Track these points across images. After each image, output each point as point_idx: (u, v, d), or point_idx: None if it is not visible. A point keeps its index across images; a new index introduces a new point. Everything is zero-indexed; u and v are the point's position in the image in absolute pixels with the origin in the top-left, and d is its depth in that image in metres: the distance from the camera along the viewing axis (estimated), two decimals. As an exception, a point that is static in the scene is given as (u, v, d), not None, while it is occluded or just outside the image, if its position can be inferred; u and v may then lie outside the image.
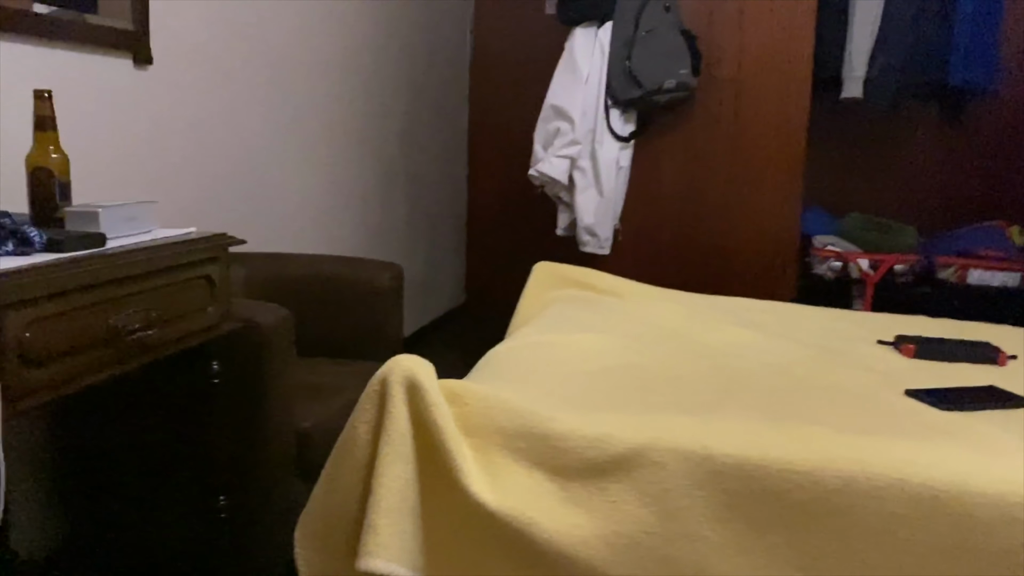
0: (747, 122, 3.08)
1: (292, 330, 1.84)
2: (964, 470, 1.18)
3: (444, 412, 1.24)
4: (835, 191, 3.66)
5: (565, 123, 3.03)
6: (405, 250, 4.09)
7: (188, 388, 1.77)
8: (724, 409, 1.42)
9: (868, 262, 3.15)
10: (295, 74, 2.96)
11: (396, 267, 2.54)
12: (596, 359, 1.69)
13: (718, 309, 2.24)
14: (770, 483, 1.20)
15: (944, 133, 3.63)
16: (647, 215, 3.23)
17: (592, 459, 1.25)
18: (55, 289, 1.26)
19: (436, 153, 4.47)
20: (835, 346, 1.89)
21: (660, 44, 2.92)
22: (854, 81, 3.17)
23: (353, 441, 1.28)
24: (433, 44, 4.30)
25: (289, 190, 2.97)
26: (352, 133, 3.43)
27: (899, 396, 1.52)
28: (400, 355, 1.29)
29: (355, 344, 2.48)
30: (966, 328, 2.09)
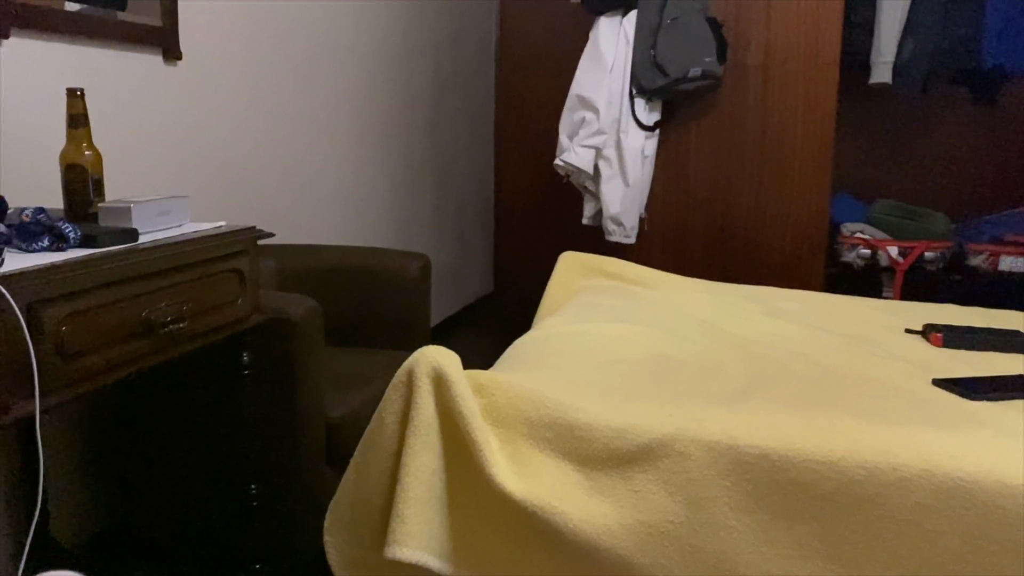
0: (774, 109, 3.05)
1: (321, 321, 1.87)
2: (991, 460, 1.17)
3: (470, 403, 1.26)
4: (864, 177, 3.62)
5: (590, 113, 3.03)
6: (433, 239, 4.11)
7: (220, 379, 1.80)
8: (752, 399, 1.42)
9: (897, 249, 3.12)
10: (322, 66, 2.98)
11: (423, 257, 2.56)
12: (624, 349, 1.69)
13: (747, 298, 2.24)
14: (795, 474, 1.20)
15: (975, 117, 3.58)
16: (673, 204, 3.22)
17: (618, 449, 1.26)
18: (89, 284, 1.29)
19: (463, 142, 4.48)
20: (864, 335, 1.88)
21: (685, 32, 2.90)
22: (883, 66, 3.13)
23: (381, 431, 1.30)
24: (459, 34, 4.30)
25: (318, 182, 3.00)
26: (379, 124, 3.45)
27: (927, 385, 1.51)
28: (426, 346, 1.31)
29: (384, 333, 2.51)
30: (996, 316, 2.06)
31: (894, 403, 1.40)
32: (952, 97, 3.53)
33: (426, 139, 3.96)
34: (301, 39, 2.84)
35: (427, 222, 4.04)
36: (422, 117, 3.89)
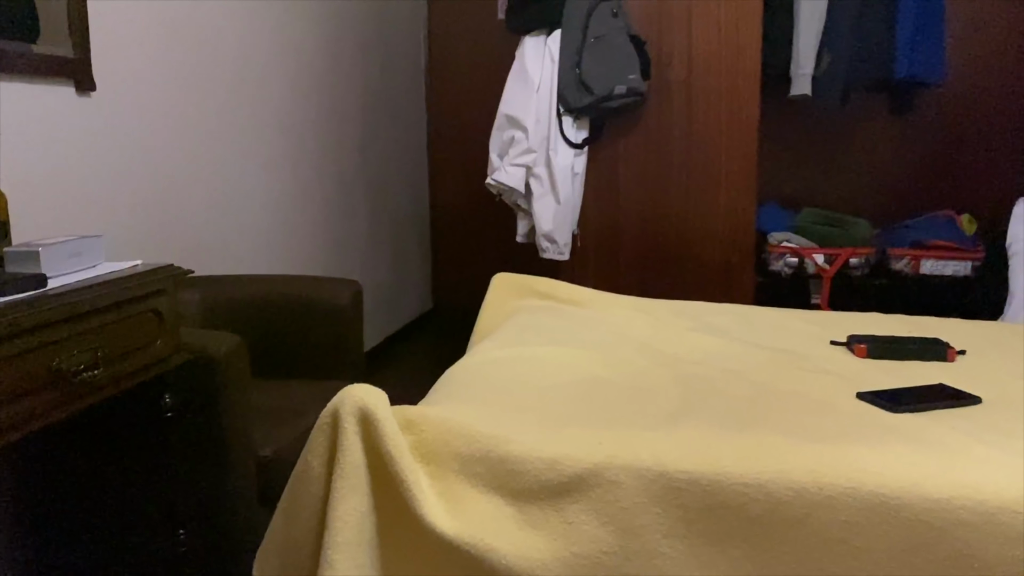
0: (699, 123, 3.10)
1: (246, 357, 1.82)
2: (914, 475, 1.20)
3: (398, 441, 1.23)
4: (789, 187, 3.70)
5: (519, 132, 3.03)
6: (369, 260, 4.07)
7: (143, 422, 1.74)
8: (683, 421, 1.43)
9: (823, 257, 3.19)
10: (245, 90, 2.93)
11: (355, 283, 2.52)
12: (557, 373, 1.69)
13: (678, 314, 2.25)
14: (725, 497, 1.20)
15: (893, 125, 3.69)
16: (605, 219, 3.24)
17: (549, 481, 1.25)
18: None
19: (396, 162, 4.45)
20: (792, 349, 1.91)
21: (609, 50, 2.93)
22: (802, 78, 3.21)
23: (307, 475, 1.26)
24: (388, 53, 4.28)
25: (246, 209, 2.94)
26: (309, 147, 3.41)
27: (852, 399, 1.54)
28: (352, 385, 1.28)
29: (317, 363, 2.46)
30: (917, 323, 2.12)
31: (821, 419, 1.42)
32: (870, 106, 3.63)
33: (358, 160, 3.92)
34: (222, 63, 2.78)
35: (362, 243, 4.00)
36: (353, 138, 3.85)
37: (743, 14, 3.02)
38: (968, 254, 3.13)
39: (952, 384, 1.59)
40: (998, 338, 2.00)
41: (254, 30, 2.97)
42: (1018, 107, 3.56)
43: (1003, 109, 3.58)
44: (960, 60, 3.47)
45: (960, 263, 3.12)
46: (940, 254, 3.13)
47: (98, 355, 1.42)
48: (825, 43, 3.21)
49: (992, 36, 3.55)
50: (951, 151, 3.66)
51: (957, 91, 3.54)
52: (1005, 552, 1.14)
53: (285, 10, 3.19)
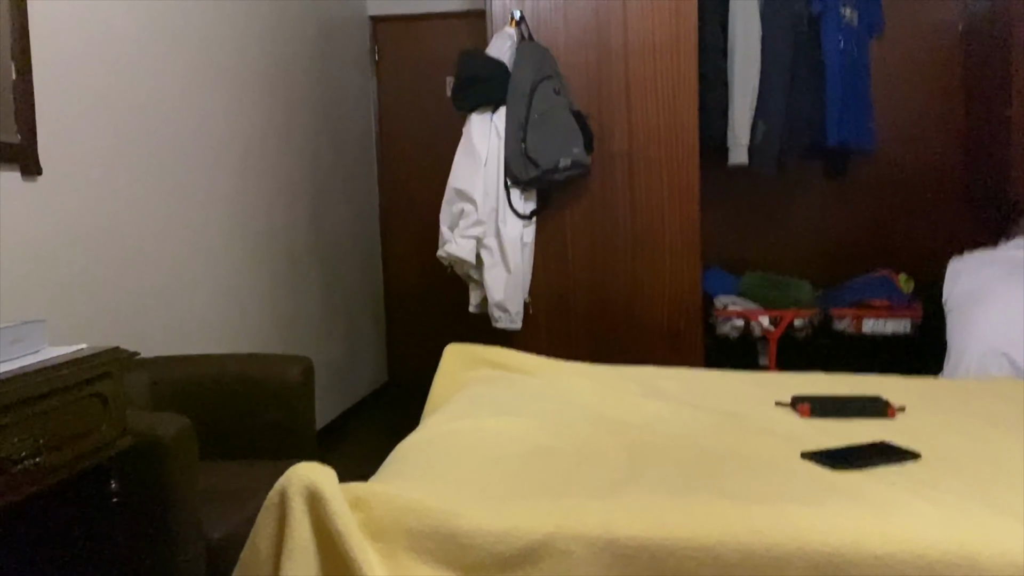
0: (642, 192, 3.19)
1: (194, 440, 1.80)
2: (858, 533, 1.22)
3: (347, 520, 1.23)
4: (732, 251, 3.80)
5: (468, 204, 3.09)
6: (322, 336, 4.05)
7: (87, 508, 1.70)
8: (630, 486, 1.44)
9: (768, 319, 3.27)
10: (193, 169, 2.94)
11: (306, 360, 2.51)
12: (506, 444, 1.69)
13: (627, 380, 2.28)
14: (674, 563, 1.22)
15: (830, 190, 3.83)
16: (556, 287, 3.29)
17: (500, 554, 1.25)
18: (-69, 426, 1.21)
19: (348, 235, 4.48)
20: (738, 410, 1.95)
21: (553, 125, 3.02)
22: (739, 148, 3.33)
23: (255, 557, 1.25)
24: (338, 127, 4.34)
25: (195, 288, 2.93)
26: (258, 223, 3.41)
27: (796, 458, 1.57)
28: (299, 464, 1.28)
29: (268, 442, 2.44)
30: (859, 382, 2.17)
31: (765, 480, 1.45)
32: (806, 171, 3.77)
33: (309, 235, 3.93)
34: (171, 143, 2.80)
35: (314, 318, 3.98)
36: (304, 213, 3.88)
37: (680, 88, 3.14)
38: (907, 312, 3.24)
39: (893, 440, 1.64)
40: (936, 394, 2.06)
41: (203, 110, 3.00)
42: (946, 171, 3.73)
43: (932, 173, 3.74)
44: (889, 127, 3.64)
45: (900, 321, 3.22)
46: (880, 313, 3.22)
47: (39, 443, 1.40)
48: (759, 114, 3.35)
49: (916, 105, 3.74)
50: (886, 213, 3.80)
51: (888, 156, 3.70)
52: (946, 605, 1.16)
53: (235, 86, 3.23)
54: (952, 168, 3.73)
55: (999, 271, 2.74)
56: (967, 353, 2.62)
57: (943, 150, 3.74)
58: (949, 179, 3.74)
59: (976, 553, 1.18)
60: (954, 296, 2.80)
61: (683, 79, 3.14)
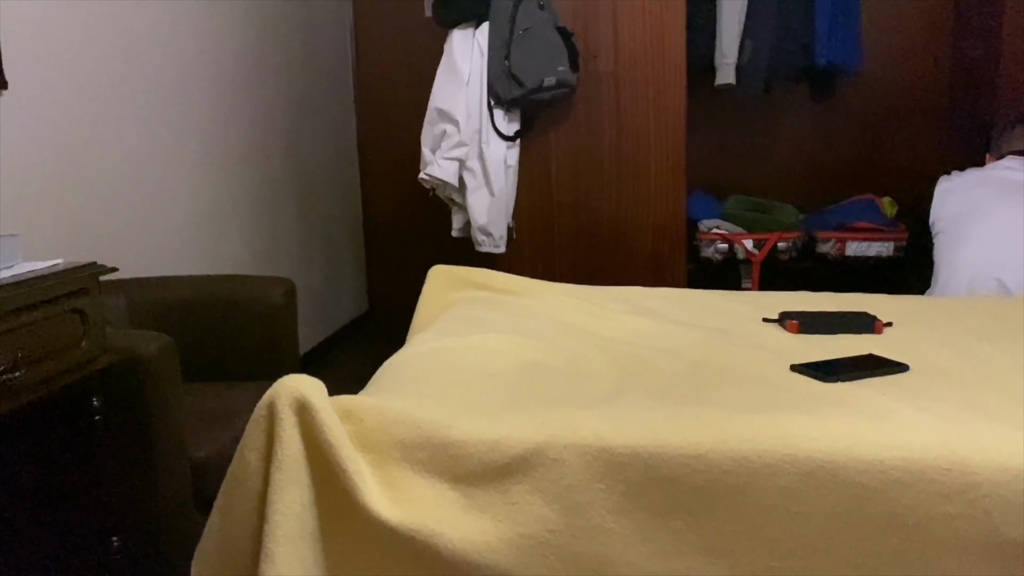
0: (628, 114, 3.13)
1: (176, 358, 1.77)
2: (848, 439, 1.22)
3: (337, 431, 1.21)
4: (717, 175, 3.77)
5: (450, 125, 3.02)
6: (301, 263, 4.00)
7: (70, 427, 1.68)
8: (622, 399, 1.44)
9: (752, 242, 3.26)
10: (168, 87, 2.85)
11: (287, 282, 2.47)
12: (496, 360, 1.68)
13: (614, 299, 2.27)
14: (667, 470, 1.21)
15: (815, 113, 3.79)
16: (539, 211, 3.24)
17: (492, 463, 1.24)
18: (-97, 338, 1.17)
19: (326, 161, 4.39)
20: (725, 327, 1.94)
21: (537, 42, 2.94)
22: (726, 68, 3.27)
23: (243, 470, 1.23)
24: (313, 51, 4.21)
25: (170, 209, 2.86)
26: (234, 146, 3.33)
27: (785, 371, 1.57)
28: (287, 375, 1.25)
29: (251, 365, 2.41)
30: (845, 300, 2.17)
31: (756, 391, 1.45)
32: (793, 94, 3.72)
33: (286, 160, 3.85)
34: (143, 60, 2.70)
35: (293, 245, 3.93)
36: (280, 137, 3.78)
37: (667, 6, 3.06)
38: (890, 235, 3.24)
39: (881, 354, 1.64)
40: (923, 311, 2.07)
41: (174, 29, 2.89)
42: (929, 93, 3.69)
43: (916, 95, 3.71)
44: (875, 48, 3.58)
45: (883, 244, 3.22)
46: (864, 236, 3.22)
47: (18, 357, 1.36)
48: (747, 33, 3.29)
49: (903, 24, 3.68)
50: (870, 137, 3.77)
51: (874, 78, 3.65)
52: (936, 508, 1.17)
53: (206, 9, 3.11)
54: (938, 90, 3.70)
55: (990, 191, 2.73)
56: (956, 274, 2.62)
57: (929, 72, 3.70)
58: (934, 102, 3.71)
59: (967, 458, 1.18)
60: (943, 217, 2.78)
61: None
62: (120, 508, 1.71)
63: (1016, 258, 2.56)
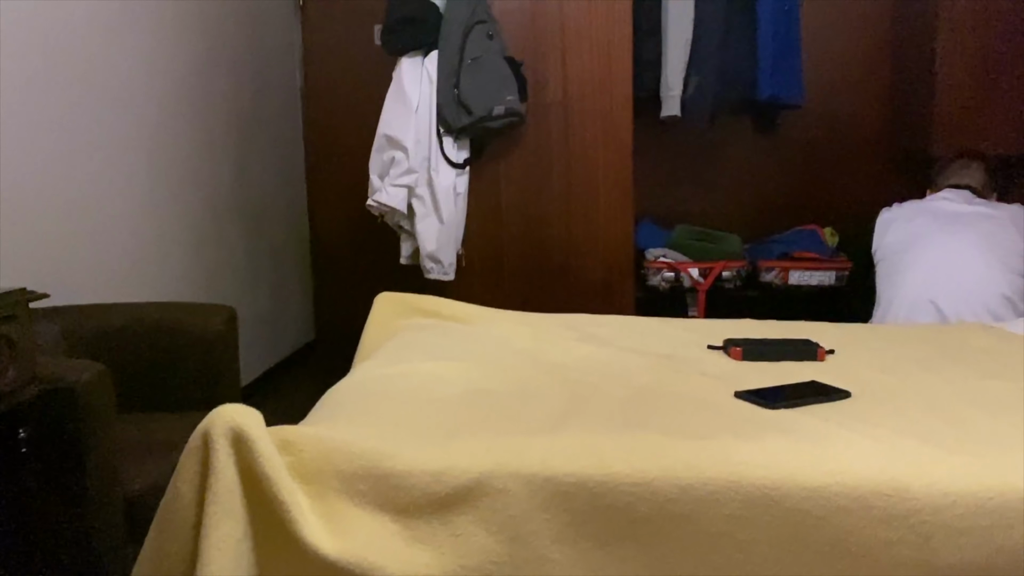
0: (577, 143, 3.16)
1: (111, 387, 1.71)
2: (792, 467, 1.23)
3: (275, 462, 1.17)
4: (664, 204, 3.81)
5: (399, 152, 3.01)
6: (245, 289, 3.92)
7: (-5, 461, 1.60)
8: (569, 426, 1.42)
9: (698, 271, 3.30)
10: (110, 106, 2.78)
11: (228, 309, 2.42)
12: (442, 387, 1.66)
13: (562, 326, 2.27)
14: (612, 498, 1.20)
15: (759, 145, 3.86)
16: (489, 238, 3.24)
17: (436, 493, 1.22)
18: None
19: (274, 185, 4.33)
20: (671, 353, 1.95)
21: (487, 71, 2.95)
22: (672, 100, 3.32)
23: (176, 502, 1.19)
24: (262, 74, 4.17)
25: (110, 234, 2.79)
26: (178, 169, 3.27)
27: (730, 398, 1.58)
28: (223, 405, 1.22)
29: (189, 394, 2.35)
30: (788, 327, 2.20)
31: (701, 418, 1.45)
32: (737, 126, 3.79)
33: (232, 184, 3.79)
34: (84, 79, 2.64)
35: (238, 271, 3.86)
36: (226, 161, 3.73)
37: (614, 38, 3.10)
38: (832, 264, 3.30)
39: (823, 381, 1.66)
40: (864, 338, 2.10)
41: (118, 49, 2.84)
42: (869, 126, 3.79)
43: (857, 128, 3.80)
44: (817, 82, 3.67)
45: (825, 273, 3.28)
46: (807, 265, 3.28)
47: (-62, 387, 1.30)
48: (692, 67, 3.34)
49: (843, 59, 3.78)
50: (812, 168, 3.85)
51: (816, 112, 3.73)
52: (877, 534, 1.18)
53: (151, 29, 3.06)
54: (878, 124, 3.80)
55: (927, 221, 2.80)
56: (895, 302, 2.68)
57: (869, 106, 3.80)
58: (874, 135, 3.80)
59: (906, 483, 1.19)
60: (884, 246, 2.85)
61: (618, 28, 3.09)
62: (49, 544, 1.63)
63: (950, 283, 2.63)
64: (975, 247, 2.67)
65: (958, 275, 2.63)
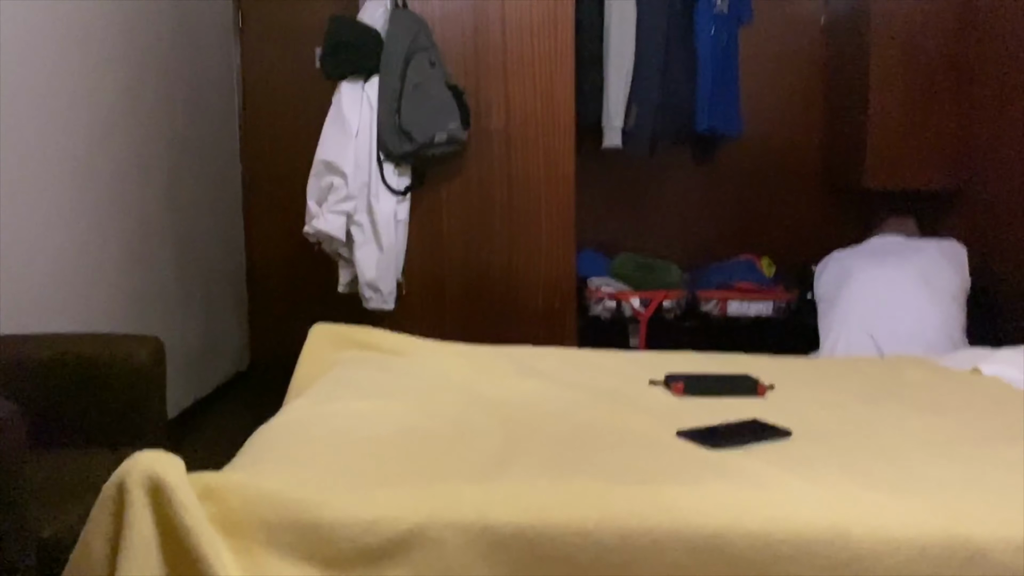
0: (519, 171, 3.14)
1: (23, 428, 1.61)
2: (735, 512, 1.20)
3: (195, 513, 1.11)
4: (605, 233, 3.82)
5: (338, 178, 2.95)
6: (175, 317, 3.79)
7: None
8: (506, 468, 1.38)
9: (639, 300, 3.30)
10: (35, 128, 2.66)
11: (155, 340, 2.32)
12: (374, 426, 1.60)
13: (503, 359, 2.23)
14: (552, 548, 1.16)
15: (698, 175, 3.90)
16: (430, 266, 3.19)
17: (368, 545, 1.16)
18: None
19: (207, 211, 4.21)
20: (612, 388, 1.93)
21: (428, 98, 2.92)
22: (613, 131, 3.33)
23: (87, 558, 1.11)
24: (197, 94, 4.07)
25: (31, 260, 2.66)
26: (106, 192, 3.14)
27: (672, 437, 1.55)
28: (141, 452, 1.14)
29: (113, 430, 2.24)
30: (729, 361, 2.20)
31: (643, 460, 1.42)
32: (677, 157, 3.82)
33: (163, 208, 3.67)
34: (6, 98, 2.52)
35: (168, 299, 3.72)
36: (157, 185, 3.61)
37: (556, 68, 3.11)
38: (769, 294, 3.33)
39: (764, 418, 1.65)
40: (802, 372, 2.11)
41: (42, 67, 2.72)
42: (804, 159, 3.87)
43: (793, 160, 3.87)
44: (754, 115, 3.73)
45: (763, 303, 3.31)
46: (745, 295, 3.31)
47: None
48: (633, 98, 3.36)
49: (779, 93, 3.85)
50: (750, 199, 3.91)
51: (753, 144, 3.79)
52: (821, 582, 1.16)
53: (81, 44, 2.95)
54: (811, 157, 3.87)
55: (861, 258, 2.87)
56: (831, 335, 2.71)
57: (804, 139, 3.87)
58: (809, 168, 3.88)
59: (849, 529, 1.18)
60: (820, 286, 2.91)
61: (560, 58, 3.10)
62: (-51, 597, 1.52)
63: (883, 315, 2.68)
64: (909, 279, 2.73)
65: (892, 306, 2.68)
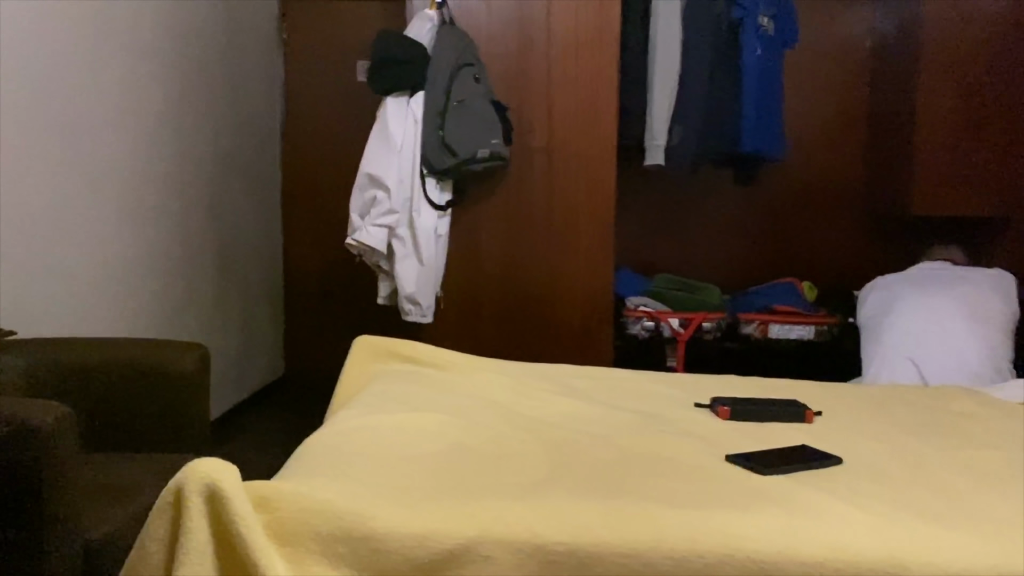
0: (559, 189, 3.15)
1: (74, 428, 1.63)
2: (787, 539, 1.19)
3: (250, 522, 1.12)
4: (644, 253, 3.80)
5: (381, 192, 2.97)
6: (215, 323, 3.84)
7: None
8: (552, 488, 1.38)
9: (678, 321, 3.28)
10: (83, 139, 2.72)
11: (201, 348, 2.35)
12: (420, 442, 1.60)
13: (541, 377, 2.22)
14: (603, 569, 1.16)
15: (739, 196, 3.88)
16: (468, 281, 3.21)
17: (417, 559, 1.17)
18: None
19: (247, 222, 4.27)
20: (654, 411, 1.91)
21: (472, 114, 2.93)
22: (655, 149, 3.33)
23: (144, 562, 1.12)
24: (242, 107, 4.13)
25: (79, 267, 2.71)
26: (151, 203, 3.20)
27: (720, 462, 1.54)
28: (198, 459, 1.16)
29: (157, 435, 2.27)
30: (773, 386, 2.18)
31: (691, 483, 1.41)
32: (718, 178, 3.80)
33: (205, 219, 3.72)
34: (57, 113, 2.58)
35: (208, 305, 3.77)
36: (201, 193, 3.66)
37: (600, 87, 3.11)
38: (811, 319, 3.30)
39: (813, 445, 1.63)
40: (848, 399, 2.08)
41: (95, 81, 2.78)
42: (846, 183, 3.83)
43: (836, 184, 3.84)
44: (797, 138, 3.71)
45: (804, 328, 3.28)
46: (786, 319, 3.28)
47: None
48: (677, 118, 3.36)
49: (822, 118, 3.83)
50: (791, 222, 3.88)
51: (796, 167, 3.76)
52: (876, 614, 1.14)
53: (131, 58, 3.01)
54: (854, 181, 3.83)
55: (906, 285, 2.84)
56: (875, 362, 2.68)
57: (846, 163, 3.84)
58: (851, 191, 3.84)
59: (906, 562, 1.16)
60: (863, 314, 2.89)
61: (604, 76, 3.11)
62: (-1, 595, 1.54)
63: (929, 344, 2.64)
64: (954, 309, 2.69)
65: (937, 336, 2.65)
